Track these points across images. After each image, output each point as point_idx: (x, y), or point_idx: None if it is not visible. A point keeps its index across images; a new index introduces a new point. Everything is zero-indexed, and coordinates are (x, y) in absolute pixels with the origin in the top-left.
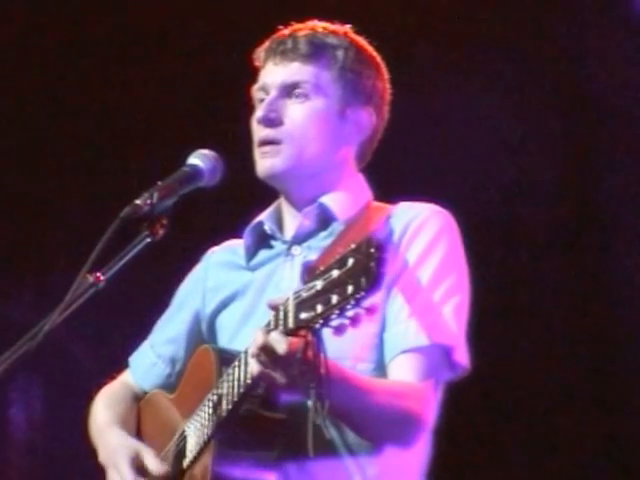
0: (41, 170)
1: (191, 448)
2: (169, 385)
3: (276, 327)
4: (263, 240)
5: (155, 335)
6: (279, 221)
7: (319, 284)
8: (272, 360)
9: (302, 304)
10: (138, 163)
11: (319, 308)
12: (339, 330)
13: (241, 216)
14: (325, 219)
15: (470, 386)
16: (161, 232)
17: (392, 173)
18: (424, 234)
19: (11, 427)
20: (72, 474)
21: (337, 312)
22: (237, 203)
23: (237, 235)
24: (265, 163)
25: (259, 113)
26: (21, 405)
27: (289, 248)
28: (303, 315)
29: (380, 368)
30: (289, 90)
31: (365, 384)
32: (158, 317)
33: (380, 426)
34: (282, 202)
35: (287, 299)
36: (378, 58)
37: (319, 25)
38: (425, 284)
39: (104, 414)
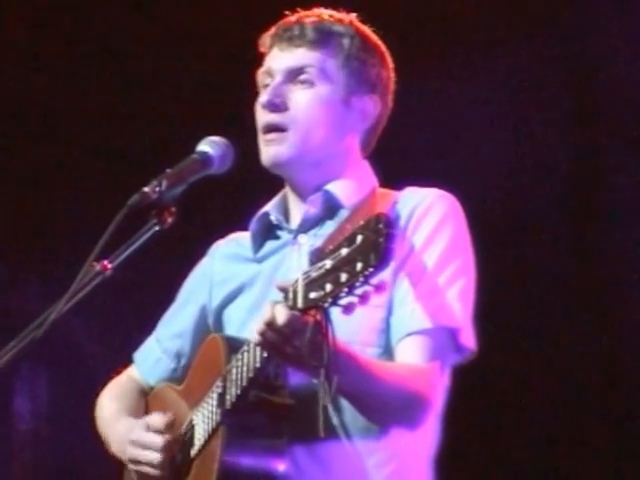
0: (47, 157)
1: (199, 436)
2: (175, 379)
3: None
4: (269, 231)
5: (161, 329)
6: (285, 211)
7: (328, 263)
8: (278, 335)
9: (311, 284)
10: (146, 150)
11: (328, 287)
12: (348, 309)
13: (248, 206)
14: (331, 206)
15: (475, 372)
16: (169, 221)
17: (398, 160)
18: (430, 218)
19: (16, 418)
20: (77, 465)
21: (346, 290)
22: (243, 193)
23: (243, 227)
24: (270, 151)
25: (263, 97)
26: (26, 396)
27: (295, 237)
28: (312, 295)
29: (387, 352)
30: (294, 75)
31: (373, 366)
32: (164, 308)
33: (387, 407)
34: (287, 191)
35: (296, 280)
36: (383, 47)
37: (325, 13)
38: (431, 268)
39: (111, 406)
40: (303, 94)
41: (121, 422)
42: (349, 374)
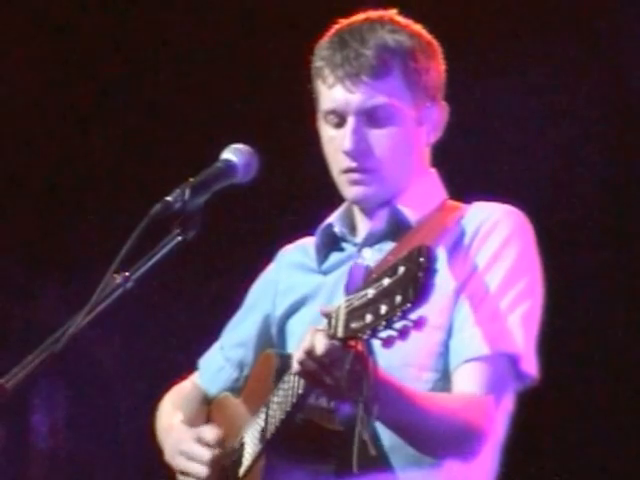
0: (66, 167)
1: (247, 456)
2: (236, 389)
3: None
4: (334, 242)
5: (225, 337)
6: (350, 222)
7: (370, 292)
8: (317, 364)
9: (353, 312)
10: (169, 158)
11: (368, 318)
12: (387, 342)
13: (274, 217)
14: (396, 222)
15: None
16: (193, 231)
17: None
18: (495, 237)
19: (33, 434)
20: None
21: (384, 324)
22: (268, 203)
23: (269, 239)
24: (356, 191)
25: (347, 145)
26: (44, 412)
27: (360, 251)
28: (353, 325)
29: (446, 377)
30: (367, 116)
31: (419, 397)
32: (185, 322)
33: (436, 440)
34: (352, 204)
35: (339, 306)
36: (435, 42)
37: (375, 21)
38: (493, 290)
39: (171, 414)
40: (381, 137)
41: (175, 430)
42: (391, 406)
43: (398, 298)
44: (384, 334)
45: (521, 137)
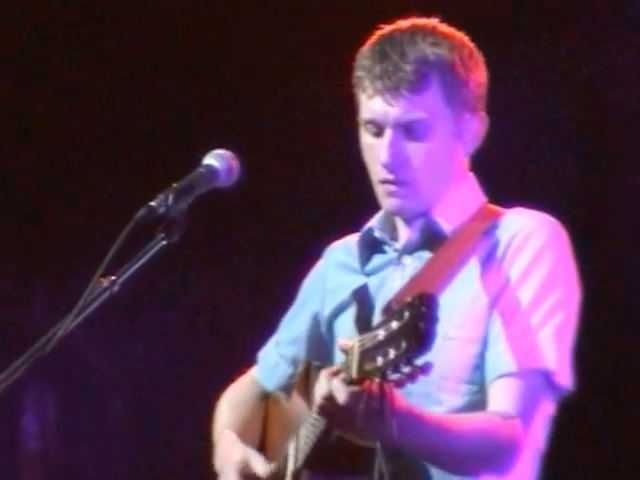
0: (52, 173)
1: (288, 473)
2: (292, 385)
3: (339, 374)
4: (376, 244)
5: (280, 333)
6: (391, 227)
7: (381, 334)
8: (335, 408)
9: (366, 353)
10: (152, 164)
11: (379, 361)
12: (399, 384)
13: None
14: (432, 232)
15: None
16: (176, 235)
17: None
18: (527, 250)
19: (24, 436)
20: None
21: (392, 368)
22: (247, 206)
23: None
24: (392, 202)
25: (383, 158)
26: (34, 413)
27: (400, 257)
28: (366, 366)
29: (483, 390)
30: (405, 129)
31: (445, 421)
32: (175, 324)
33: (464, 462)
34: None
35: (353, 344)
36: (476, 52)
37: (416, 32)
38: (526, 304)
39: (226, 417)
40: (419, 150)
41: (227, 440)
42: (414, 433)
43: (403, 344)
44: (394, 376)
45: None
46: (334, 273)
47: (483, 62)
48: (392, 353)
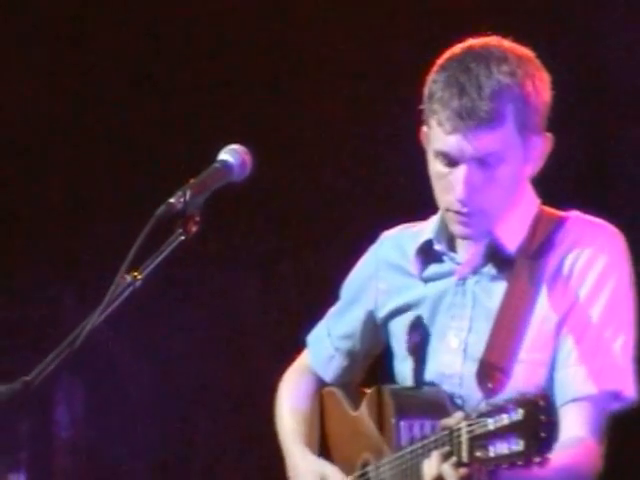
0: (78, 174)
1: None
2: (349, 376)
3: (450, 457)
4: (434, 253)
5: (332, 326)
6: (448, 237)
7: (491, 425)
8: None
9: (475, 440)
10: (171, 163)
11: (492, 453)
12: (510, 468)
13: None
14: (495, 251)
15: None
16: (194, 229)
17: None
18: (594, 269)
19: (56, 425)
20: (113, 472)
21: (506, 465)
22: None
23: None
24: (462, 230)
25: (459, 194)
26: (65, 405)
27: (461, 276)
28: (478, 453)
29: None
30: (479, 161)
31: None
32: (195, 319)
33: None
34: None
35: (460, 426)
36: (544, 71)
37: (490, 58)
38: (595, 324)
39: (289, 420)
40: (490, 179)
41: (298, 452)
42: None
43: (521, 443)
44: (507, 466)
45: None
46: (387, 273)
47: (549, 79)
48: (506, 450)
